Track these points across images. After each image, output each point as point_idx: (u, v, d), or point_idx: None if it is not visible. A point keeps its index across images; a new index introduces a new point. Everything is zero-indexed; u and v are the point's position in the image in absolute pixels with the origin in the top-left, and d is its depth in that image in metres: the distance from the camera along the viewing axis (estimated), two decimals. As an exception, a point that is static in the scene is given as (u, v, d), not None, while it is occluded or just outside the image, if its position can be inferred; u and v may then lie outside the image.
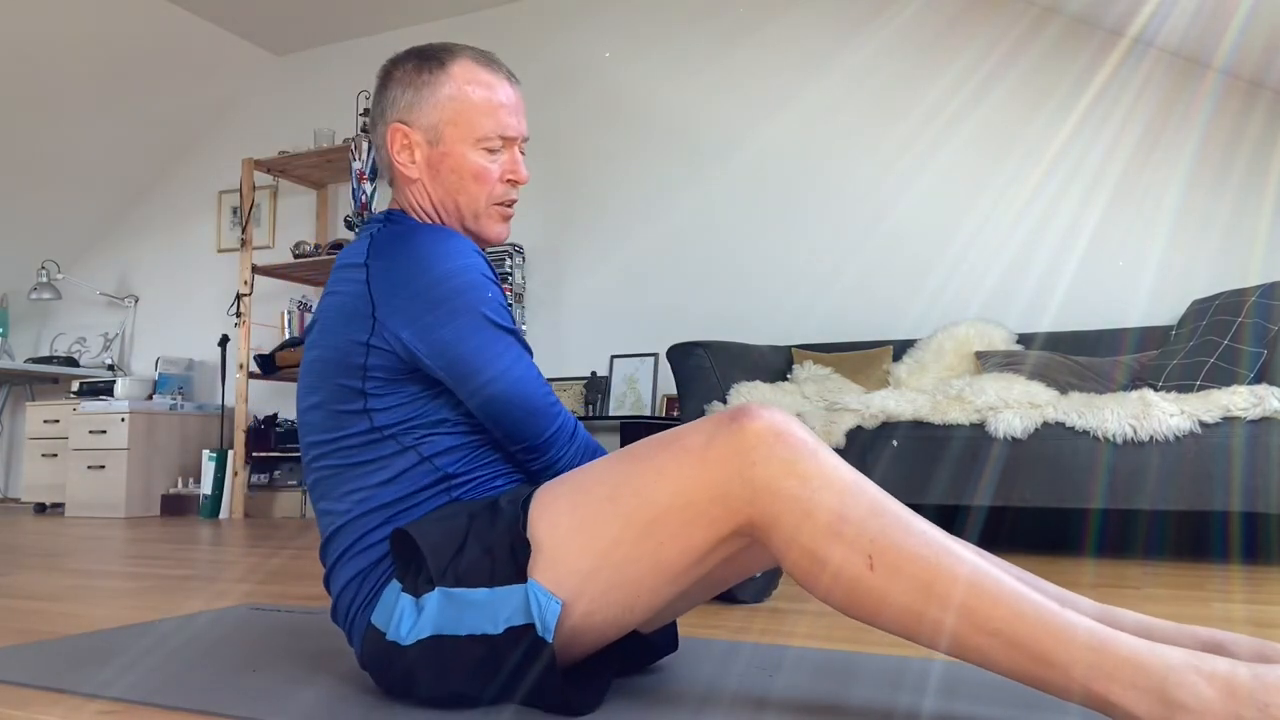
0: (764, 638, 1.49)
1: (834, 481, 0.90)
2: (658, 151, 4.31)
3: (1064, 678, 0.81)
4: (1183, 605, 1.81)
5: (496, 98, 1.15)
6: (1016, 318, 3.55)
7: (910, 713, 1.01)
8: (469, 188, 1.15)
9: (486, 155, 1.15)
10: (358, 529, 1.08)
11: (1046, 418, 2.61)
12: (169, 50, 4.88)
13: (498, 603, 0.97)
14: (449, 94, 1.14)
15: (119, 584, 2.18)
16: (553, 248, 4.50)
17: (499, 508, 1.03)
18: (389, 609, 1.03)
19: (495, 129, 1.15)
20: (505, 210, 1.19)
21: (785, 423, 0.93)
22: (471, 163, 1.15)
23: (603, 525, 0.96)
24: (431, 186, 1.16)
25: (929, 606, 0.86)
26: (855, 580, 0.88)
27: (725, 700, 1.08)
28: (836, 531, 0.88)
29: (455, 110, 1.14)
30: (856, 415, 2.82)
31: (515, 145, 1.18)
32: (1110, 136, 3.51)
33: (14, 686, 1.19)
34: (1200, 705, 0.77)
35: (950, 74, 3.77)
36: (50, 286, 5.33)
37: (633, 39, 4.43)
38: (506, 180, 1.17)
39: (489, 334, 1.07)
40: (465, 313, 1.05)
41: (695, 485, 0.94)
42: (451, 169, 1.15)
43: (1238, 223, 3.32)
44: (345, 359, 1.07)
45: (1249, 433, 2.40)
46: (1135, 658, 0.80)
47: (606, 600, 0.98)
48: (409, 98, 1.15)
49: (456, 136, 1.14)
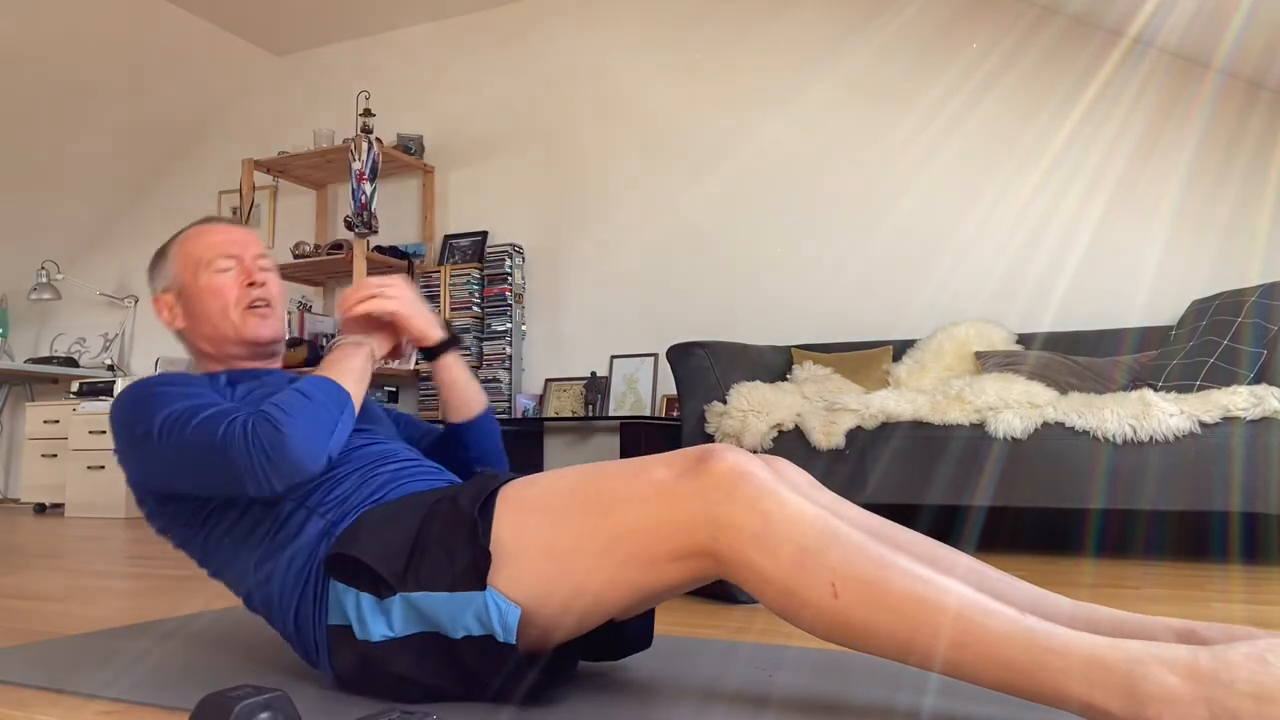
0: (764, 638, 1.49)
1: (794, 516, 0.93)
2: (658, 151, 4.31)
3: (1033, 683, 0.84)
4: (1183, 605, 1.81)
5: (208, 236, 1.33)
6: (1016, 318, 3.55)
7: (910, 713, 1.01)
8: (212, 303, 1.29)
9: (216, 274, 1.30)
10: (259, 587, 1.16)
11: (1046, 418, 2.61)
12: (169, 50, 4.88)
13: (458, 608, 1.00)
14: (174, 254, 1.34)
15: (119, 584, 2.18)
16: (553, 248, 4.50)
17: (457, 508, 1.05)
18: (345, 608, 1.06)
19: (214, 252, 1.30)
20: (258, 310, 1.31)
21: (748, 464, 0.98)
22: (206, 284, 1.29)
23: (570, 541, 1.00)
24: (195, 324, 1.31)
25: (896, 627, 0.89)
26: (823, 609, 0.92)
27: (725, 700, 1.08)
28: (799, 563, 0.92)
29: (182, 260, 1.32)
30: (856, 415, 2.82)
31: (244, 260, 1.32)
32: (1110, 136, 3.51)
33: (14, 686, 1.19)
34: (1166, 693, 0.78)
35: (950, 74, 3.77)
36: (50, 287, 5.33)
37: (633, 39, 4.43)
38: (246, 285, 1.30)
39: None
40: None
41: (661, 520, 0.98)
42: (197, 299, 1.30)
43: (1238, 223, 3.32)
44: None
45: (1249, 433, 2.40)
46: (1098, 656, 0.81)
47: (569, 608, 1.02)
48: (154, 275, 1.35)
49: (190, 276, 1.31)
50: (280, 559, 1.13)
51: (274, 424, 1.08)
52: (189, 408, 1.13)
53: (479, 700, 1.05)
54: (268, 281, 1.31)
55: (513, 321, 4.40)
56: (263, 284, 1.31)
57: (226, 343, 1.30)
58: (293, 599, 1.12)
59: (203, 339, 1.32)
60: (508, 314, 4.39)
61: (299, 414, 1.10)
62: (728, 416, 3.01)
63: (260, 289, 1.30)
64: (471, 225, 4.68)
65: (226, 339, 1.30)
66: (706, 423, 3.05)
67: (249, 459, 1.07)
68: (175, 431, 1.11)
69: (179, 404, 1.13)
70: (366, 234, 4.19)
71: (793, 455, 2.83)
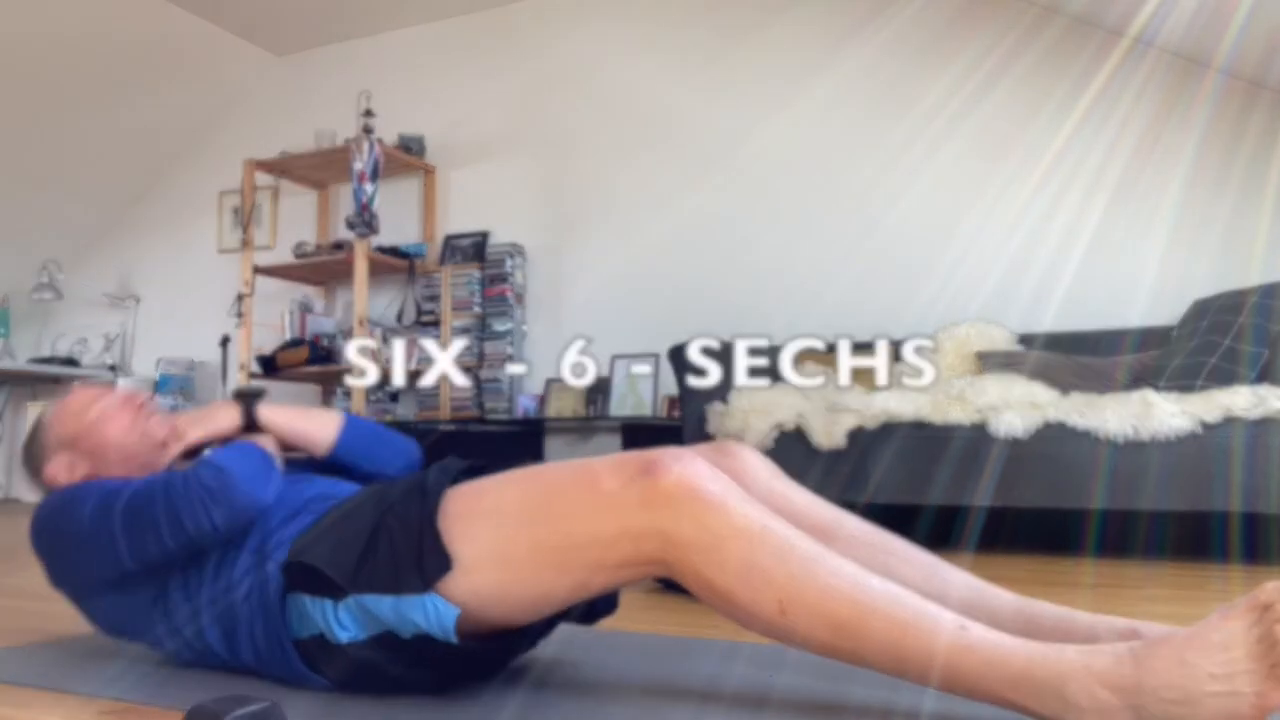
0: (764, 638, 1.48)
1: (742, 531, 0.94)
2: (658, 152, 4.31)
3: (978, 690, 0.87)
4: (1183, 605, 1.81)
5: (70, 398, 1.32)
6: (1017, 318, 3.54)
7: (910, 712, 1.01)
8: (110, 433, 1.27)
9: (100, 408, 1.29)
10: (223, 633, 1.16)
11: (1047, 418, 2.60)
12: (169, 50, 4.88)
13: (404, 610, 1.02)
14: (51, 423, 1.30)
15: (120, 584, 2.18)
16: (553, 248, 4.50)
17: (407, 514, 1.06)
18: (309, 617, 1.08)
19: (84, 400, 1.30)
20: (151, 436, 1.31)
21: (694, 477, 0.96)
22: (95, 418, 1.27)
23: (516, 545, 1.01)
24: (103, 462, 1.27)
25: (840, 642, 0.91)
26: (769, 623, 0.94)
27: (725, 700, 1.08)
28: (745, 580, 0.93)
29: (60, 419, 1.29)
30: (857, 415, 2.82)
31: (107, 394, 1.32)
32: (1110, 137, 3.50)
33: (14, 686, 1.19)
34: (1097, 705, 0.81)
35: (950, 73, 3.77)
36: (51, 287, 5.33)
37: (633, 39, 4.43)
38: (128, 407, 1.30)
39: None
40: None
41: (608, 529, 0.98)
42: (96, 446, 1.27)
43: (1238, 223, 3.31)
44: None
45: (1250, 433, 2.40)
46: (1030, 669, 0.84)
47: (513, 606, 1.04)
48: (37, 451, 1.30)
49: (74, 422, 1.28)
50: (233, 596, 1.13)
51: (215, 467, 1.11)
52: (114, 489, 1.15)
53: (453, 689, 1.10)
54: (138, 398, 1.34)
55: (514, 322, 4.40)
56: (139, 399, 1.34)
57: (139, 460, 1.30)
58: (253, 626, 1.13)
59: (115, 469, 1.30)
60: (509, 314, 4.39)
61: (238, 460, 1.14)
62: (729, 417, 3.00)
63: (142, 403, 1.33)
64: (473, 225, 4.68)
65: (137, 460, 1.30)
66: (707, 423, 3.05)
67: (188, 498, 1.09)
68: (108, 505, 1.13)
69: (101, 491, 1.16)
70: (367, 234, 4.19)
71: (793, 455, 2.83)
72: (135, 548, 1.11)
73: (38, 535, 1.19)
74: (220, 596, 1.14)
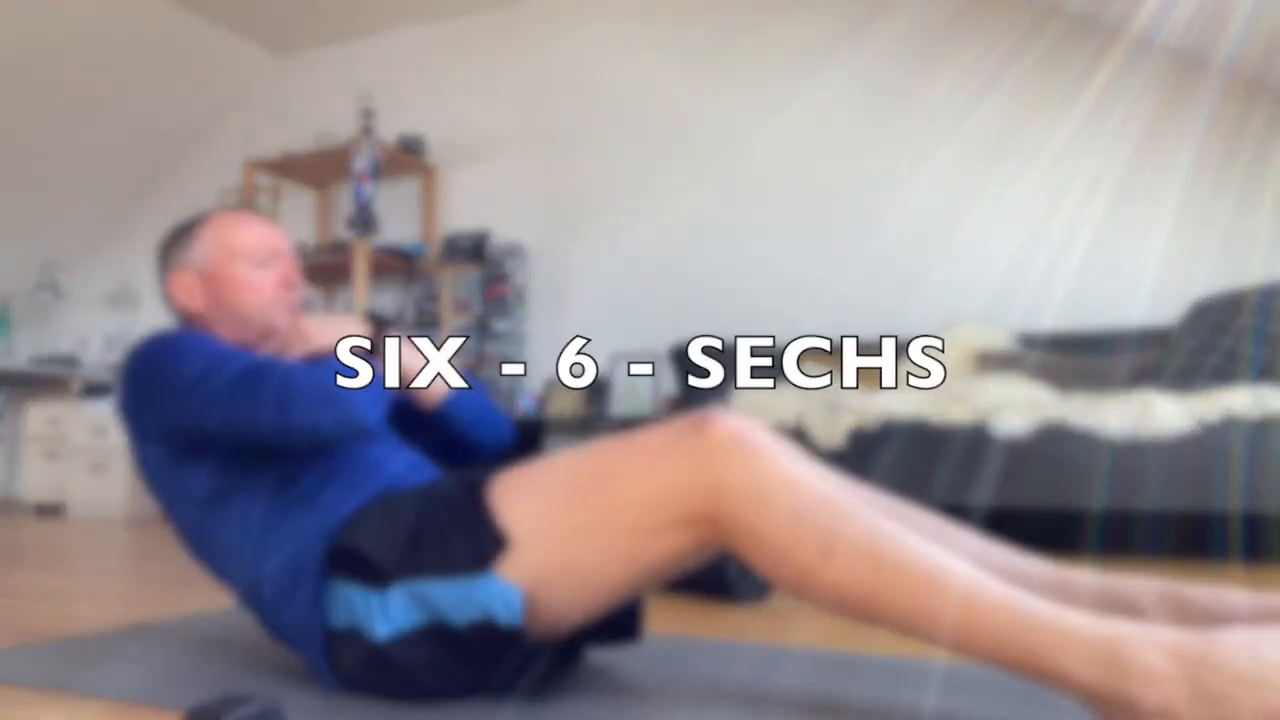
0: (764, 638, 1.49)
1: (789, 480, 0.94)
2: (658, 152, 4.31)
3: (1016, 653, 0.84)
4: (1183, 605, 1.81)
5: (249, 225, 1.30)
6: (1017, 318, 3.54)
7: (910, 712, 1.01)
8: (247, 298, 1.26)
9: (255, 268, 1.28)
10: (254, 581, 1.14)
11: (1048, 418, 2.60)
12: (169, 50, 4.88)
13: (460, 594, 1.00)
14: (210, 233, 1.29)
15: (119, 584, 2.18)
16: (554, 248, 4.50)
17: (455, 496, 1.06)
18: (348, 608, 1.06)
19: (256, 242, 1.28)
20: (290, 306, 1.30)
21: (744, 428, 0.98)
22: (243, 277, 1.27)
23: (566, 517, 1.01)
24: (218, 312, 1.27)
25: (884, 592, 0.89)
26: (813, 571, 0.92)
27: (725, 700, 1.08)
28: (791, 524, 0.92)
29: (219, 242, 1.28)
30: (857, 415, 2.82)
31: (281, 258, 1.30)
32: (1110, 137, 3.51)
33: (14, 686, 1.19)
34: (1150, 670, 0.79)
35: (951, 73, 3.77)
36: (51, 287, 5.33)
37: (633, 39, 4.43)
38: (283, 287, 1.29)
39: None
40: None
41: (658, 485, 0.98)
42: (229, 288, 1.27)
43: (1238, 223, 3.32)
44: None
45: (1250, 433, 2.40)
46: (1082, 632, 0.82)
47: (567, 588, 1.02)
48: (179, 251, 1.29)
49: (225, 261, 1.27)
50: (280, 549, 1.11)
51: (339, 372, 1.08)
52: (232, 354, 1.12)
53: (487, 692, 1.05)
54: (298, 285, 1.32)
55: (514, 322, 4.40)
56: (297, 286, 1.31)
57: (250, 335, 1.28)
58: (288, 592, 1.11)
59: (223, 326, 1.28)
60: (509, 314, 4.39)
61: (362, 376, 1.10)
62: (728, 416, 3.00)
63: (296, 291, 1.31)
64: (472, 225, 4.68)
65: (251, 329, 1.28)
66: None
67: (305, 392, 1.05)
68: (220, 366, 1.10)
69: (217, 351, 1.13)
70: (367, 234, 4.19)
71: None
72: (229, 416, 1.08)
73: (137, 362, 1.14)
74: (266, 539, 1.12)
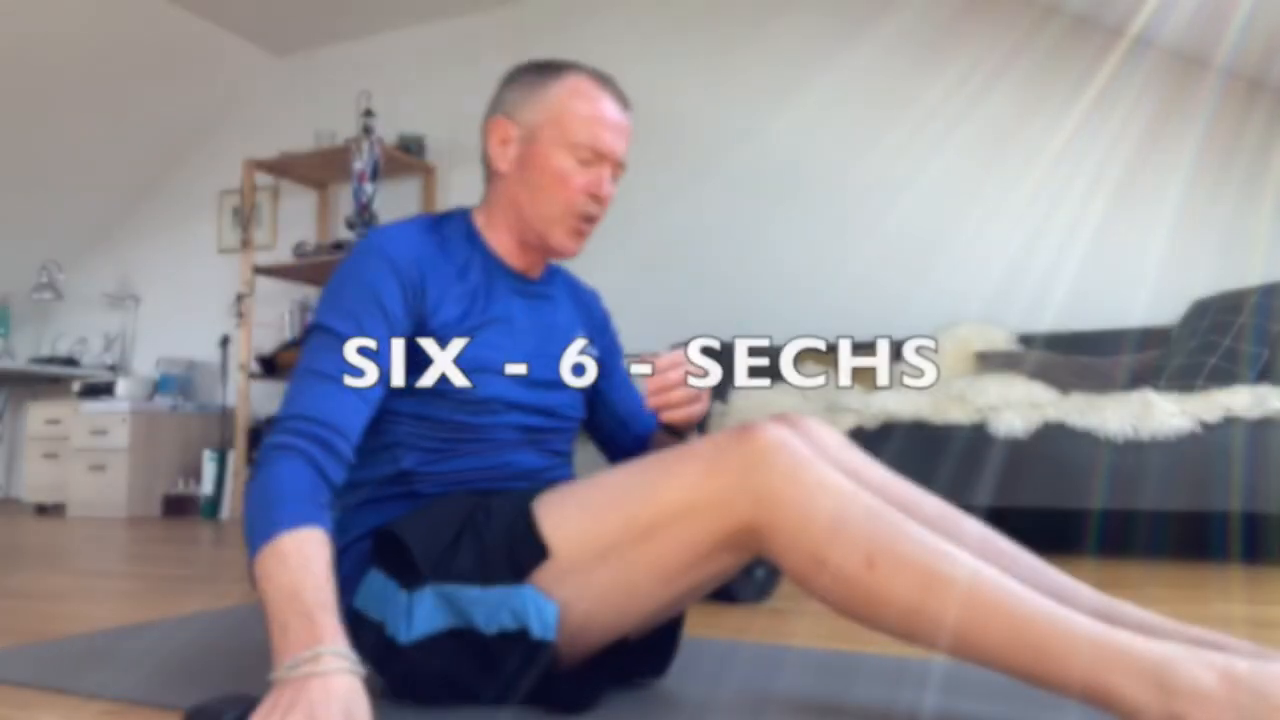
0: (764, 638, 1.49)
1: (832, 489, 0.94)
2: (658, 152, 4.31)
3: (1063, 671, 0.82)
4: (1183, 605, 1.81)
5: (599, 111, 1.16)
6: (1017, 318, 3.54)
7: (910, 712, 1.01)
8: (549, 189, 1.15)
9: (575, 163, 1.15)
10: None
11: (1047, 418, 2.61)
12: (169, 50, 4.88)
13: (492, 603, 0.99)
14: (555, 97, 1.16)
15: (119, 584, 2.18)
16: (553, 248, 4.50)
17: (500, 506, 1.05)
18: (379, 600, 1.04)
19: (590, 140, 1.15)
20: (580, 225, 1.18)
21: (788, 437, 0.97)
22: (557, 165, 1.15)
23: (606, 527, 0.99)
24: (516, 183, 1.18)
25: (928, 604, 0.87)
26: (854, 580, 0.90)
27: (725, 700, 1.08)
28: (835, 534, 0.91)
29: (556, 114, 1.15)
30: (856, 415, 2.82)
31: (607, 164, 1.17)
32: (1110, 136, 3.50)
33: (14, 686, 1.19)
34: (1199, 690, 0.77)
35: (950, 73, 3.77)
36: (51, 287, 5.33)
37: (634, 39, 4.43)
38: (588, 193, 1.16)
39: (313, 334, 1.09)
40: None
41: (700, 493, 0.97)
42: (538, 168, 1.16)
43: (1238, 223, 3.32)
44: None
45: (1250, 433, 2.40)
46: (1132, 649, 0.81)
47: (604, 602, 1.00)
48: (517, 95, 1.18)
49: (551, 138, 1.15)
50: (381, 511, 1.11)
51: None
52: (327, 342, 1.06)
53: (509, 702, 1.03)
54: (605, 201, 1.19)
55: (513, 321, 4.39)
56: (603, 201, 1.18)
57: (526, 224, 1.19)
58: (351, 546, 1.10)
59: (512, 198, 1.19)
60: (508, 314, 4.38)
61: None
62: (728, 417, 3.01)
63: (599, 207, 1.18)
64: (472, 225, 4.67)
65: (531, 222, 1.18)
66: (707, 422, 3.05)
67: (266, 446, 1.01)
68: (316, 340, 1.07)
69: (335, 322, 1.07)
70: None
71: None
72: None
73: (350, 255, 1.12)
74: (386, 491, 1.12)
